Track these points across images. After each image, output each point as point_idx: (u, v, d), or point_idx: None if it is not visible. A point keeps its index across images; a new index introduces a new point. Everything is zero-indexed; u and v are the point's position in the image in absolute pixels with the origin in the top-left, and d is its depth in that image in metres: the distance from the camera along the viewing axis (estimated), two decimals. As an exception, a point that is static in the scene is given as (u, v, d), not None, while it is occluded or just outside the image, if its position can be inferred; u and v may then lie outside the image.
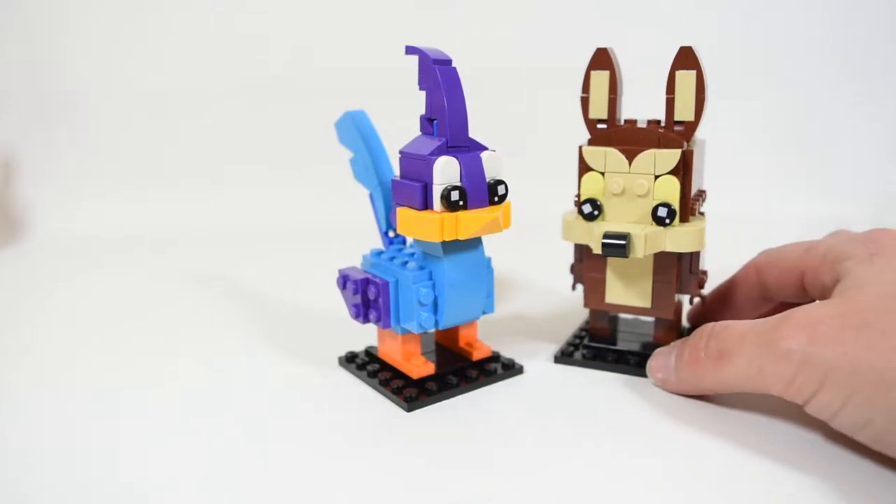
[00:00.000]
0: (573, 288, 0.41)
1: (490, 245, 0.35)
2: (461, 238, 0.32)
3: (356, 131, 0.36)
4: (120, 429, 0.32)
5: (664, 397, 0.34)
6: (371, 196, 0.38)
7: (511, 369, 0.37)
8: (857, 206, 0.73)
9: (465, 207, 0.31)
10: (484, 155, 0.32)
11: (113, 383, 0.38)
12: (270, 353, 0.41)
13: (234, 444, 0.31)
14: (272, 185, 0.83)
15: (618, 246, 0.33)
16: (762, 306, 0.38)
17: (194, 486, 0.28)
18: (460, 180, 0.32)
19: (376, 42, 0.79)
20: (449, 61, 0.32)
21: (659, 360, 0.35)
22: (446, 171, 0.31)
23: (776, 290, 0.37)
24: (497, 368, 0.37)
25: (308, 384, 0.37)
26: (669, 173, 0.35)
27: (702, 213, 0.38)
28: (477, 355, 0.37)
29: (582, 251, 0.39)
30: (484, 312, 0.36)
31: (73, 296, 0.55)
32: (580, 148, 0.36)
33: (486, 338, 0.40)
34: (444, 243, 0.32)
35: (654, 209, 0.35)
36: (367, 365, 0.37)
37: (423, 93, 0.32)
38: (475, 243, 0.34)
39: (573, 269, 0.40)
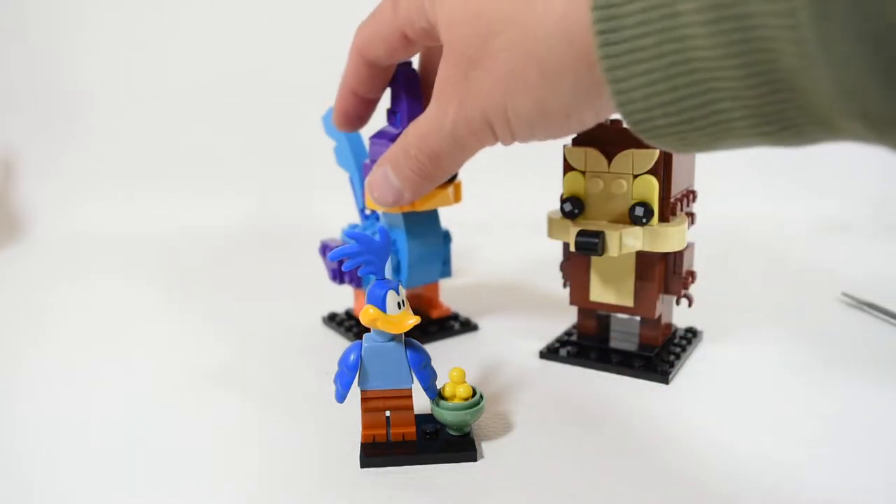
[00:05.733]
0: (564, 286, 0.43)
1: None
2: (418, 210, 0.40)
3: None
4: (120, 424, 0.35)
5: (629, 397, 0.37)
6: (351, 179, 0.46)
7: (467, 326, 0.46)
8: (857, 206, 0.76)
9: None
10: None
11: (111, 381, 0.41)
12: (265, 315, 0.50)
13: (235, 397, 0.38)
14: (270, 186, 0.87)
15: (590, 244, 0.35)
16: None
17: (202, 453, 0.32)
18: (418, 162, 0.39)
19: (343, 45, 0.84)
20: (409, 63, 0.39)
21: (381, 187, 0.33)
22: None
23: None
24: (455, 325, 0.46)
25: (296, 340, 0.46)
26: (648, 173, 0.36)
27: (690, 214, 0.40)
28: (436, 314, 0.46)
29: (568, 249, 0.40)
30: (442, 276, 0.45)
31: (73, 296, 0.58)
32: (564, 147, 0.39)
33: (474, 333, 0.46)
34: (404, 215, 0.41)
35: (632, 208, 0.36)
36: (345, 322, 0.46)
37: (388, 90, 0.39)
38: (432, 216, 0.42)
39: (562, 267, 0.42)
